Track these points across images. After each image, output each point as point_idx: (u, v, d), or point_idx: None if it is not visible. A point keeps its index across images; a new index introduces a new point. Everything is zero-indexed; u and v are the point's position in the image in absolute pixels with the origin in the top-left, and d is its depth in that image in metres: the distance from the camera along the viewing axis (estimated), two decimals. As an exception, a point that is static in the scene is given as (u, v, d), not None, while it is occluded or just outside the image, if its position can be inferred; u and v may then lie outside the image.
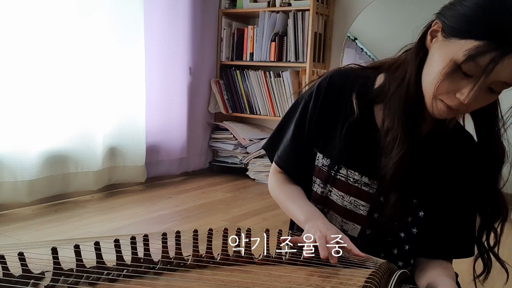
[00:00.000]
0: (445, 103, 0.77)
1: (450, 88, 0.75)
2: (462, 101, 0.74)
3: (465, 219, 0.92)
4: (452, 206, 0.91)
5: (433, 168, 0.89)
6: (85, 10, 2.62)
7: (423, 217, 0.90)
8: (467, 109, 0.79)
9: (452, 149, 0.90)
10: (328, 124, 0.94)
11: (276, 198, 1.01)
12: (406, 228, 0.91)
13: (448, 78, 0.74)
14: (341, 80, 0.94)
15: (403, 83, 0.84)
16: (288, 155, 0.99)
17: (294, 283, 0.65)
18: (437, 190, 0.90)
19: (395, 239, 0.91)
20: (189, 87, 3.40)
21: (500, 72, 0.70)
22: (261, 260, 0.77)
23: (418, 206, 0.90)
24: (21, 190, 2.38)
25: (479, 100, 0.76)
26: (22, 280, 0.66)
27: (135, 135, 2.96)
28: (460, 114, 0.84)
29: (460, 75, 0.74)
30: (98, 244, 0.69)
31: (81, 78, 2.64)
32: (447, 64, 0.73)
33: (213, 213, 2.56)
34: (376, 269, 0.69)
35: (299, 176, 0.99)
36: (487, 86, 0.74)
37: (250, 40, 3.56)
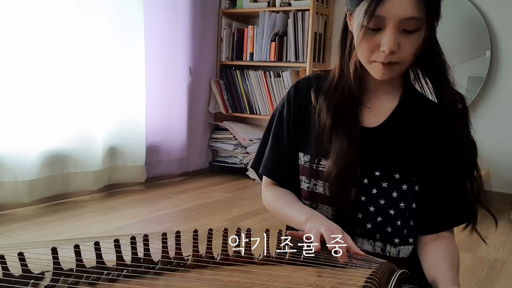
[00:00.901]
0: (378, 62, 0.85)
1: (373, 47, 0.85)
2: (386, 52, 0.82)
3: (453, 184, 0.94)
4: (436, 174, 0.93)
5: (409, 142, 0.93)
6: (85, 11, 2.62)
7: (407, 191, 0.92)
8: (402, 58, 0.85)
9: (423, 120, 0.95)
10: (303, 124, 0.99)
11: (272, 209, 1.03)
12: (394, 204, 0.93)
13: (366, 41, 0.85)
14: (306, 82, 1.01)
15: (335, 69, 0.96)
16: (271, 161, 1.03)
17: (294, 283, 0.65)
18: (418, 162, 0.93)
19: (386, 217, 0.93)
20: (189, 87, 3.40)
21: (393, 11, 0.80)
22: (261, 260, 0.77)
23: (401, 180, 0.92)
24: (21, 190, 2.38)
25: (405, 45, 0.83)
26: (22, 280, 0.66)
27: (135, 135, 2.96)
28: (401, 67, 0.88)
29: (372, 33, 0.84)
30: (98, 244, 0.69)
31: (81, 78, 2.64)
32: (359, 30, 0.84)
33: (213, 213, 2.56)
34: (376, 269, 0.69)
35: (286, 179, 1.02)
36: (400, 29, 0.82)
37: (250, 40, 3.56)
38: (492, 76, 3.01)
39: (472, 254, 2.09)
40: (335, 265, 0.74)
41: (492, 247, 2.19)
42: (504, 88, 2.99)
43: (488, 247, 2.19)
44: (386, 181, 0.92)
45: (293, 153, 0.99)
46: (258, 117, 3.64)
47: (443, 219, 0.94)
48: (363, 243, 0.93)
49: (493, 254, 2.11)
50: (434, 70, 0.94)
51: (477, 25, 3.00)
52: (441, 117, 0.93)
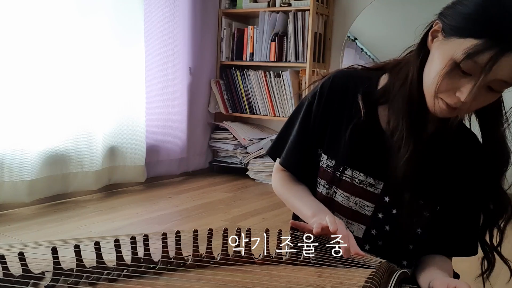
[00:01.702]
0: (445, 102, 0.78)
1: (449, 87, 0.76)
2: (461, 100, 0.75)
3: (469, 218, 0.93)
4: (456, 205, 0.92)
5: (439, 169, 0.90)
6: (85, 10, 2.62)
7: (427, 218, 0.91)
8: (468, 108, 0.79)
9: (457, 150, 0.91)
10: (332, 125, 0.94)
11: (281, 196, 1.01)
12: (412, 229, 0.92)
13: (447, 77, 0.75)
14: (344, 80, 0.94)
15: (406, 83, 0.85)
16: (293, 155, 0.99)
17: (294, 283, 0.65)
18: (442, 191, 0.91)
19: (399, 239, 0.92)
20: (189, 87, 3.40)
21: (498, 70, 0.71)
22: (261, 260, 0.77)
23: (424, 207, 0.90)
24: (21, 190, 2.38)
25: (479, 99, 0.76)
26: (22, 280, 0.66)
27: (135, 135, 2.96)
28: (462, 113, 0.84)
29: (459, 74, 0.74)
30: (98, 244, 0.69)
31: (81, 78, 2.64)
32: (447, 63, 0.74)
33: (213, 213, 2.56)
34: (376, 269, 0.69)
35: (303, 176, 0.99)
36: (487, 85, 0.74)
37: (250, 40, 3.56)
38: (492, 76, 3.00)
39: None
40: (335, 265, 0.74)
41: (492, 247, 2.19)
42: (504, 88, 2.99)
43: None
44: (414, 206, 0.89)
45: (315, 149, 0.96)
46: (258, 117, 3.64)
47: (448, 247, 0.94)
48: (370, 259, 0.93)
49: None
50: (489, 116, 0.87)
51: (477, 25, 3.00)
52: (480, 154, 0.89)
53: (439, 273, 0.85)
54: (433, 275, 0.85)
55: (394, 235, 0.91)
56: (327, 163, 0.95)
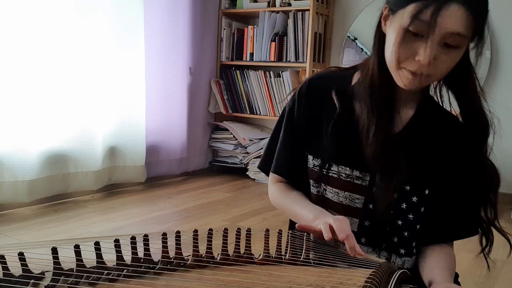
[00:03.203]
0: (409, 70, 0.80)
1: (408, 54, 0.79)
2: (421, 62, 0.77)
3: (463, 198, 0.94)
4: (447, 187, 0.93)
5: (423, 153, 0.92)
6: (85, 10, 2.62)
7: (416, 203, 0.92)
8: (435, 71, 0.81)
9: (440, 133, 0.93)
10: (314, 126, 0.96)
11: (280, 205, 1.01)
12: (402, 215, 0.92)
13: (403, 45, 0.79)
14: (320, 82, 0.97)
15: (368, 70, 0.90)
16: (282, 160, 1.01)
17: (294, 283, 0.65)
18: (429, 174, 0.92)
19: (394, 227, 0.92)
20: (189, 87, 3.40)
21: (444, 23, 0.74)
22: (261, 260, 0.77)
23: (411, 192, 0.91)
24: (21, 190, 2.38)
25: (442, 59, 0.79)
26: (22, 280, 0.66)
27: (135, 135, 2.96)
28: (431, 79, 0.84)
29: (412, 39, 0.78)
30: (98, 244, 0.69)
31: (81, 78, 2.64)
32: (398, 33, 0.79)
33: (213, 213, 2.56)
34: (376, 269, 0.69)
35: (296, 179, 1.00)
36: (442, 42, 0.77)
37: (250, 40, 3.56)
38: (492, 76, 3.01)
39: (472, 254, 2.08)
40: (335, 265, 0.74)
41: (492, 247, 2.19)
42: (504, 88, 2.99)
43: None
44: (396, 193, 0.90)
45: (303, 151, 0.98)
46: (258, 117, 3.64)
47: (449, 232, 0.95)
48: (368, 252, 0.93)
49: (493, 254, 2.10)
50: (462, 87, 0.89)
51: (477, 25, 3.00)
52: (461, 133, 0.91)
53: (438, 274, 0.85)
54: (433, 275, 0.85)
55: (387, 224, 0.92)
56: (313, 163, 0.96)
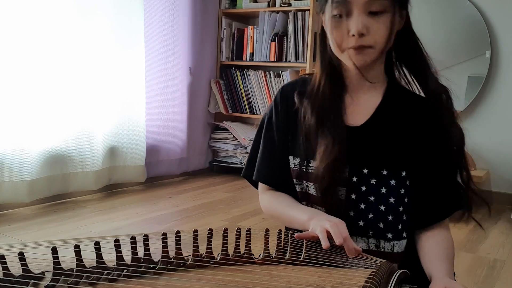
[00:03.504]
0: (350, 48, 0.87)
1: (343, 34, 0.87)
2: (356, 34, 0.85)
3: (443, 174, 0.95)
4: (424, 166, 0.94)
5: (395, 137, 0.94)
6: (85, 11, 2.62)
7: (395, 186, 0.93)
8: (372, 41, 0.86)
9: (409, 114, 0.96)
10: (292, 129, 1.00)
11: (272, 213, 1.03)
12: (384, 200, 0.93)
13: (336, 29, 0.88)
14: (291, 87, 1.03)
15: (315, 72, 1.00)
16: (265, 166, 1.03)
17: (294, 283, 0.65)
18: (403, 156, 0.94)
19: (377, 213, 0.94)
20: (189, 87, 3.40)
21: None
22: (261, 260, 0.77)
23: (388, 176, 0.93)
24: (21, 190, 2.38)
25: (374, 28, 0.85)
26: (22, 280, 0.66)
27: (135, 135, 2.96)
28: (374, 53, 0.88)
29: (341, 21, 0.87)
30: (98, 244, 0.69)
31: (81, 78, 2.64)
32: (329, 22, 0.88)
33: (213, 213, 2.56)
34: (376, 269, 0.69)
35: (281, 184, 1.02)
36: (366, 11, 0.85)
37: (250, 40, 3.56)
38: (492, 76, 3.01)
39: (472, 254, 2.09)
40: (335, 265, 0.74)
41: (492, 247, 2.19)
42: (504, 88, 2.99)
43: (488, 247, 2.19)
44: (374, 178, 0.93)
45: (286, 157, 1.00)
46: (258, 117, 3.63)
47: (437, 210, 0.96)
48: (357, 241, 0.94)
49: (493, 254, 2.11)
50: (415, 63, 0.95)
51: (477, 25, 3.00)
52: (426, 109, 0.95)
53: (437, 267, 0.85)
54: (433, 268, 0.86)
55: (370, 211, 0.94)
56: (294, 163, 0.99)
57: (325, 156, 0.91)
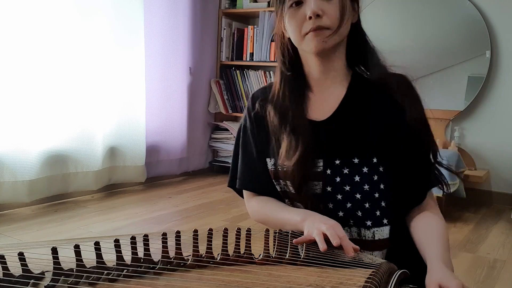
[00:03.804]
0: (309, 32, 0.91)
1: (301, 20, 0.92)
2: (312, 15, 0.89)
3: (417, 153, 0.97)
4: (397, 148, 0.96)
5: (363, 125, 0.97)
6: (85, 11, 2.62)
7: (368, 173, 0.95)
8: (328, 22, 0.90)
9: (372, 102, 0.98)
10: (265, 133, 1.02)
11: (262, 218, 1.03)
12: (358, 188, 0.95)
13: (294, 17, 0.92)
14: (260, 93, 1.07)
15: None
16: (246, 173, 1.05)
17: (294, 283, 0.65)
18: (374, 143, 0.96)
19: (354, 202, 0.95)
20: (189, 87, 3.40)
21: None
22: (261, 260, 0.77)
23: (360, 164, 0.95)
24: (21, 190, 2.38)
25: (328, 9, 0.90)
26: (22, 280, 0.66)
27: (135, 135, 2.96)
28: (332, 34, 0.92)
29: (297, 9, 0.92)
30: (98, 244, 0.69)
31: (81, 78, 2.64)
32: (287, 13, 0.93)
33: (213, 213, 2.56)
34: (376, 269, 0.69)
35: (265, 188, 1.03)
36: None
37: (250, 40, 3.56)
38: (492, 76, 3.01)
39: (472, 254, 2.09)
40: (335, 265, 0.74)
41: (492, 247, 2.19)
42: (504, 88, 2.99)
43: (488, 247, 2.19)
44: (346, 168, 0.95)
45: (264, 161, 1.02)
46: (258, 117, 3.63)
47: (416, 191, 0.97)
48: None
49: (493, 254, 2.11)
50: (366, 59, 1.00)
51: (477, 25, 3.00)
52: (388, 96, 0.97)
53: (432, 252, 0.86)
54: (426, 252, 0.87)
55: (347, 201, 0.95)
56: (270, 164, 1.01)
57: (291, 153, 0.93)
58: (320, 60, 0.96)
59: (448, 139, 3.08)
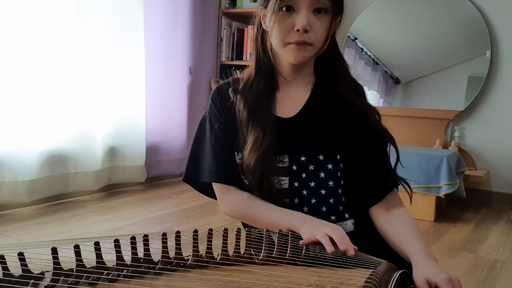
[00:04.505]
0: (293, 43, 0.92)
1: (287, 28, 0.92)
2: (300, 28, 0.89)
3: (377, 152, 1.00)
4: (356, 146, 0.99)
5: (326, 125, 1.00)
6: (85, 11, 2.62)
7: (333, 169, 0.98)
8: (313, 39, 0.92)
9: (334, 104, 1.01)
10: (231, 126, 1.02)
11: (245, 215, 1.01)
12: (323, 184, 0.98)
13: (281, 23, 0.92)
14: (226, 86, 1.07)
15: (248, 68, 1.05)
16: (216, 166, 1.02)
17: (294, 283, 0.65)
18: (337, 141, 0.99)
19: (319, 198, 0.97)
20: (189, 87, 3.40)
21: None
22: (261, 260, 0.77)
23: (325, 161, 0.98)
24: (21, 190, 2.38)
25: (316, 25, 0.91)
26: (22, 280, 0.66)
27: (135, 135, 2.96)
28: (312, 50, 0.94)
29: (287, 15, 0.92)
30: (98, 244, 0.69)
31: (81, 78, 2.64)
32: (275, 16, 0.92)
33: (213, 213, 2.56)
34: (376, 269, 0.69)
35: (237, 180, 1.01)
36: (311, 8, 0.91)
37: (250, 40, 3.56)
38: (492, 76, 3.01)
39: (472, 254, 2.09)
40: (335, 265, 0.74)
41: (492, 247, 2.19)
42: (504, 88, 2.99)
43: (488, 247, 2.19)
44: (312, 164, 0.98)
45: (232, 153, 1.01)
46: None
47: (377, 187, 0.99)
48: None
49: (493, 254, 2.11)
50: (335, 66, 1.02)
51: (477, 25, 3.00)
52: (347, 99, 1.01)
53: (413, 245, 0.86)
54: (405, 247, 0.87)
55: (312, 196, 0.97)
56: (238, 158, 1.01)
57: (256, 148, 0.94)
58: (293, 65, 0.99)
59: (448, 139, 3.08)
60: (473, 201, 2.94)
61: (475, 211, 2.80)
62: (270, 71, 1.01)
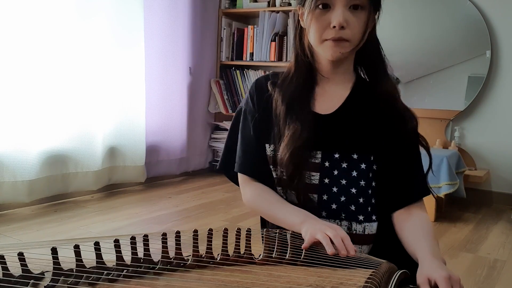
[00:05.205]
0: (330, 39, 0.93)
1: (324, 25, 0.92)
2: (336, 25, 0.90)
3: (411, 158, 1.01)
4: (391, 150, 1.00)
5: (364, 124, 1.00)
6: (85, 11, 2.62)
7: (365, 169, 0.98)
8: (350, 35, 0.92)
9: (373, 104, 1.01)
10: (267, 118, 1.03)
11: (257, 207, 1.04)
12: (355, 183, 0.98)
13: (318, 20, 0.93)
14: (265, 79, 1.08)
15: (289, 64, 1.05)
16: (245, 158, 1.05)
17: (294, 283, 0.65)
18: (372, 141, 1.00)
19: (349, 196, 0.98)
20: (189, 87, 3.40)
21: None
22: (261, 260, 0.77)
23: (359, 160, 0.98)
24: (21, 190, 2.38)
25: (353, 21, 0.91)
26: (22, 280, 0.66)
27: (135, 135, 2.96)
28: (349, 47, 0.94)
29: (323, 12, 0.92)
30: (98, 244, 0.69)
31: (81, 78, 2.64)
32: (311, 13, 0.93)
33: (213, 213, 2.56)
34: (376, 269, 0.69)
35: (262, 174, 1.03)
36: (348, 4, 0.91)
37: (250, 40, 3.56)
38: (492, 76, 3.01)
39: (472, 254, 2.09)
40: (335, 265, 0.74)
41: (492, 247, 2.19)
42: (504, 88, 2.99)
43: (488, 247, 2.19)
44: (345, 162, 0.98)
45: (263, 146, 1.03)
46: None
47: (408, 193, 1.00)
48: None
49: (493, 254, 2.11)
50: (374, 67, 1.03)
51: (477, 25, 3.00)
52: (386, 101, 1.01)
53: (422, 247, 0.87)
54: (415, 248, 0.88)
55: (342, 194, 0.98)
56: (269, 150, 1.02)
57: (292, 141, 0.95)
58: (332, 62, 0.99)
59: (448, 139, 3.08)
60: (473, 201, 2.94)
61: (475, 211, 2.80)
62: (309, 68, 1.02)
